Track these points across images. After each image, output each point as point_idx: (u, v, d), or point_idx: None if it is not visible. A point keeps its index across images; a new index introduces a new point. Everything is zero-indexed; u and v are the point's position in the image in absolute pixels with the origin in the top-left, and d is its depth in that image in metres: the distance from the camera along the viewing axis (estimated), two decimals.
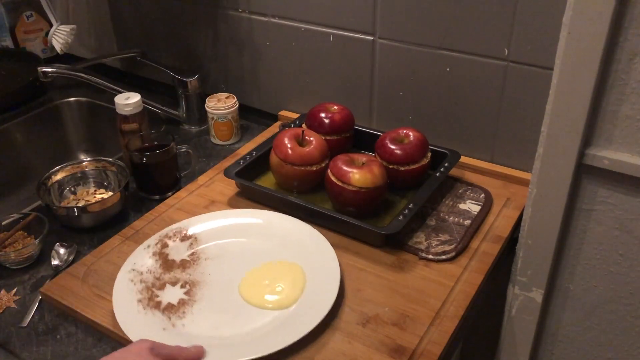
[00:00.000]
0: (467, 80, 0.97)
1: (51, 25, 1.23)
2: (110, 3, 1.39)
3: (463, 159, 1.00)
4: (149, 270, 0.81)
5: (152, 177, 1.00)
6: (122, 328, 0.71)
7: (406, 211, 0.85)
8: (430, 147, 0.96)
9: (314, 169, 0.93)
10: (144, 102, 1.06)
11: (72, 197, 1.01)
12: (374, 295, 0.78)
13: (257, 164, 1.00)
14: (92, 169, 1.02)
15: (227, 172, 0.95)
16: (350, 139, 1.03)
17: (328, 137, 0.99)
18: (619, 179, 0.77)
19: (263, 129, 1.20)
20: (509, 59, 0.92)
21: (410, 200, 0.89)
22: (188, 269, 0.82)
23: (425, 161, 0.94)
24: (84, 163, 1.02)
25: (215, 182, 1.01)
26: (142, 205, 0.99)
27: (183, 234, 0.87)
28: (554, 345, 0.96)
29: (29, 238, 0.90)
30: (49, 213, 0.92)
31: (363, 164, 0.89)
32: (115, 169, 1.01)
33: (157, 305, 0.76)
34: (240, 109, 1.17)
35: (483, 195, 0.96)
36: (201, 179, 1.02)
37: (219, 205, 0.95)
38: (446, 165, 0.96)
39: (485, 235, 0.88)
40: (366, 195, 0.86)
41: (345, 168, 0.87)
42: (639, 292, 0.83)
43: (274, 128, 1.18)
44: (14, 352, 0.74)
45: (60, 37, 1.23)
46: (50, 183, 0.98)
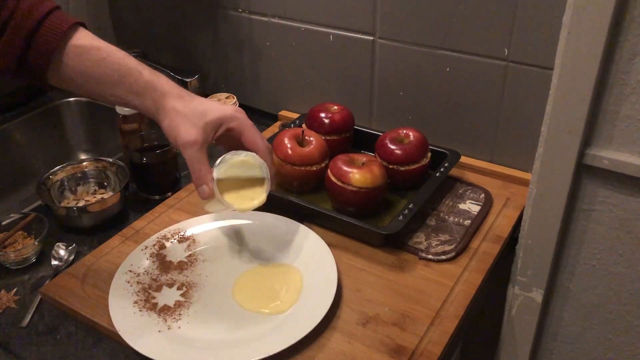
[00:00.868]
0: (467, 80, 0.97)
1: None
2: (110, 3, 1.39)
3: (463, 159, 1.00)
4: (145, 271, 0.81)
5: (152, 177, 1.00)
6: (117, 330, 0.71)
7: (406, 211, 0.85)
8: (430, 147, 0.96)
9: (314, 169, 0.93)
10: None
11: (72, 197, 1.01)
12: (374, 295, 0.78)
13: None
14: (92, 169, 1.02)
15: None
16: (350, 139, 1.03)
17: (328, 137, 0.99)
18: (619, 179, 0.77)
19: (263, 129, 1.19)
20: (509, 59, 0.92)
21: (410, 200, 0.89)
22: (185, 270, 0.82)
23: (425, 161, 0.94)
24: (84, 163, 1.02)
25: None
26: (142, 205, 0.99)
27: (181, 235, 0.87)
28: (554, 345, 0.96)
29: (29, 238, 0.90)
30: (49, 213, 0.92)
31: (363, 164, 0.89)
32: (115, 169, 1.01)
33: (153, 307, 0.75)
34: None
35: (483, 195, 0.96)
36: None
37: None
38: (446, 165, 0.96)
39: (485, 235, 0.88)
40: (366, 195, 0.86)
41: (345, 168, 0.87)
42: (639, 292, 0.83)
43: (274, 128, 1.18)
44: (14, 352, 0.74)
45: None
46: (50, 183, 0.98)
